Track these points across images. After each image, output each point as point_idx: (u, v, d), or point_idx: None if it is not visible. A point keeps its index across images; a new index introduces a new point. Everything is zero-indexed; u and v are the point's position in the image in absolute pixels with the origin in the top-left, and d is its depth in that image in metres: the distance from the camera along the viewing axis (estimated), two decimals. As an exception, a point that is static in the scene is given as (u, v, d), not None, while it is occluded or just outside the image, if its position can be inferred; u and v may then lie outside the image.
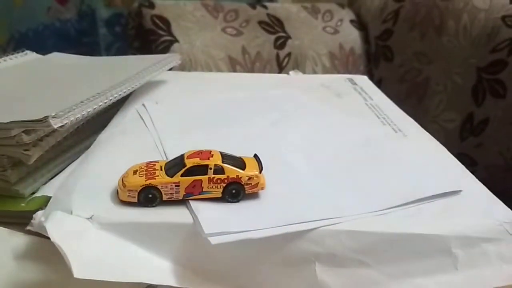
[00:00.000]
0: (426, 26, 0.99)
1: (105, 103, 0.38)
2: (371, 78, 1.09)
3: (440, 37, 0.97)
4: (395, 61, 1.04)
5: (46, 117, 0.32)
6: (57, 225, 0.28)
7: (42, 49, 0.58)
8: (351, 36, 1.09)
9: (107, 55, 1.14)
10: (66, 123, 0.34)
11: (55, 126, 0.33)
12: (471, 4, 0.93)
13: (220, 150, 0.32)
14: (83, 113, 0.35)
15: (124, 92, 0.41)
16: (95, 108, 0.37)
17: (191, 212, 0.29)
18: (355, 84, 0.53)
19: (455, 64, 0.95)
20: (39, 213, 0.30)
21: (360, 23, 1.11)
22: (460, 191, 0.32)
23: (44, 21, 1.05)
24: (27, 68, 0.49)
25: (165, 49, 0.92)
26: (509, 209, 0.31)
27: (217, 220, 0.28)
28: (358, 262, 0.28)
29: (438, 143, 0.40)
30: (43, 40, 1.06)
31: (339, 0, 1.15)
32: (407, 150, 0.38)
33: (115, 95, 0.39)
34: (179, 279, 0.28)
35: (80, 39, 1.11)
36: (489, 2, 0.92)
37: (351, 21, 1.10)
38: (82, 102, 0.36)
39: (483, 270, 0.28)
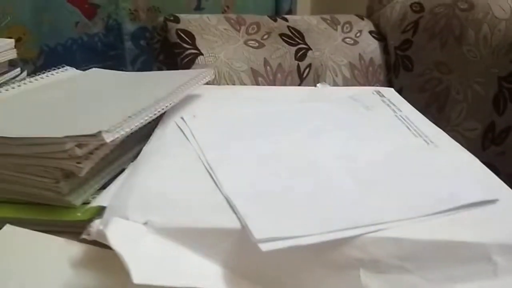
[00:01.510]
0: (446, 36, 1.00)
1: (151, 117, 0.40)
2: (391, 87, 1.10)
3: (460, 46, 0.98)
4: (415, 71, 1.05)
5: (100, 132, 0.34)
6: (116, 231, 0.30)
7: (71, 63, 0.60)
8: (371, 47, 1.10)
9: (133, 68, 1.18)
10: (117, 137, 0.36)
11: (108, 140, 0.35)
12: (491, 14, 0.94)
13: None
14: (131, 127, 0.37)
15: (167, 106, 0.43)
16: (141, 122, 0.39)
17: (240, 217, 0.31)
18: (383, 96, 0.54)
19: (475, 73, 0.96)
20: (97, 221, 0.32)
21: (379, 34, 1.12)
22: (497, 200, 0.33)
23: (72, 35, 1.09)
24: (71, 84, 0.52)
25: (190, 62, 0.95)
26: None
27: (267, 225, 0.30)
28: (401, 268, 0.30)
29: (470, 154, 0.41)
30: (71, 54, 1.10)
31: (358, 11, 1.17)
32: (441, 161, 0.39)
33: (159, 110, 0.41)
34: (228, 284, 0.30)
35: (107, 52, 1.14)
36: (509, 12, 0.93)
37: (370, 32, 1.12)
38: (130, 117, 0.38)
39: (523, 277, 0.30)
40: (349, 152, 0.40)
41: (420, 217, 0.31)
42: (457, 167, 0.38)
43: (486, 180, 0.36)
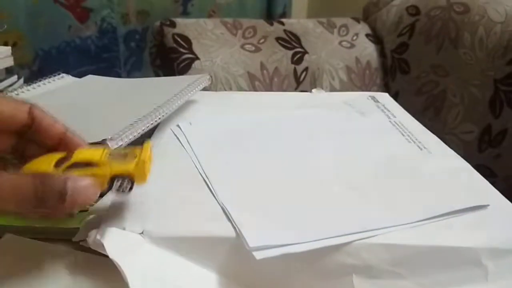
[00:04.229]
0: (442, 39, 1.01)
1: (152, 124, 0.41)
2: (388, 91, 1.11)
3: (456, 49, 0.99)
4: (412, 74, 1.06)
5: (104, 139, 0.35)
6: (113, 242, 0.30)
7: (65, 66, 0.61)
8: (367, 50, 1.11)
9: (125, 69, 1.21)
10: (121, 144, 0.36)
11: (112, 148, 0.35)
12: (487, 17, 0.95)
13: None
14: (134, 135, 0.38)
15: (166, 113, 0.44)
16: (143, 130, 0.40)
17: (235, 225, 0.31)
18: (377, 101, 0.55)
19: (471, 76, 0.96)
20: (94, 231, 0.32)
21: (375, 37, 1.13)
22: (488, 205, 0.33)
23: (65, 39, 1.11)
24: (68, 92, 0.52)
25: (186, 67, 0.95)
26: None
27: (260, 233, 0.30)
28: (394, 274, 0.30)
29: (462, 160, 0.42)
30: (65, 57, 1.12)
31: (354, 14, 1.17)
32: (434, 167, 0.40)
33: (159, 117, 0.42)
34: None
35: (100, 55, 1.17)
36: (505, 15, 0.93)
37: (367, 35, 1.13)
38: (131, 124, 0.39)
39: (513, 281, 0.30)
40: (343, 160, 0.41)
41: (412, 223, 0.32)
42: (449, 173, 0.39)
43: (477, 185, 0.36)
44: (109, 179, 0.30)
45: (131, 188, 0.31)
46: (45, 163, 0.30)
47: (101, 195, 0.33)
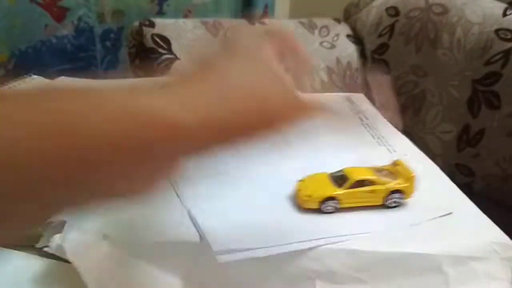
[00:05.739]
0: (421, 40, 1.01)
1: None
2: (368, 91, 1.11)
3: (435, 50, 0.99)
4: (392, 74, 1.06)
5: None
6: (74, 245, 0.30)
7: (41, 65, 0.59)
8: (348, 51, 1.11)
9: (102, 68, 1.21)
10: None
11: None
12: (465, 18, 0.96)
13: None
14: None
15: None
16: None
17: (199, 230, 0.31)
18: (352, 103, 0.55)
19: (450, 76, 0.97)
20: (56, 236, 0.32)
21: (356, 38, 1.13)
22: (451, 213, 0.34)
23: (41, 38, 1.10)
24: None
25: (166, 67, 0.95)
26: (499, 229, 0.33)
27: (224, 238, 0.30)
28: (356, 279, 0.30)
29: (432, 163, 0.42)
30: (41, 57, 1.11)
31: (335, 15, 1.17)
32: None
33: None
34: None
35: (77, 54, 1.17)
36: (482, 16, 0.94)
37: (348, 36, 1.13)
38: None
39: (472, 287, 0.30)
40: (313, 163, 0.41)
41: (375, 231, 0.32)
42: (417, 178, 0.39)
43: (444, 191, 0.37)
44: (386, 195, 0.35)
45: (399, 202, 0.35)
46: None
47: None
